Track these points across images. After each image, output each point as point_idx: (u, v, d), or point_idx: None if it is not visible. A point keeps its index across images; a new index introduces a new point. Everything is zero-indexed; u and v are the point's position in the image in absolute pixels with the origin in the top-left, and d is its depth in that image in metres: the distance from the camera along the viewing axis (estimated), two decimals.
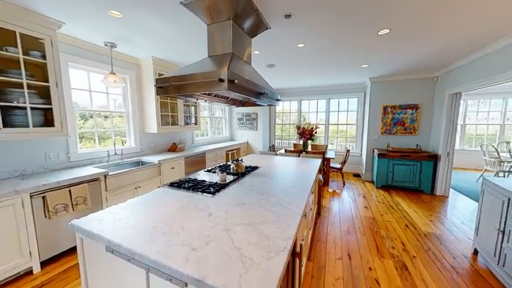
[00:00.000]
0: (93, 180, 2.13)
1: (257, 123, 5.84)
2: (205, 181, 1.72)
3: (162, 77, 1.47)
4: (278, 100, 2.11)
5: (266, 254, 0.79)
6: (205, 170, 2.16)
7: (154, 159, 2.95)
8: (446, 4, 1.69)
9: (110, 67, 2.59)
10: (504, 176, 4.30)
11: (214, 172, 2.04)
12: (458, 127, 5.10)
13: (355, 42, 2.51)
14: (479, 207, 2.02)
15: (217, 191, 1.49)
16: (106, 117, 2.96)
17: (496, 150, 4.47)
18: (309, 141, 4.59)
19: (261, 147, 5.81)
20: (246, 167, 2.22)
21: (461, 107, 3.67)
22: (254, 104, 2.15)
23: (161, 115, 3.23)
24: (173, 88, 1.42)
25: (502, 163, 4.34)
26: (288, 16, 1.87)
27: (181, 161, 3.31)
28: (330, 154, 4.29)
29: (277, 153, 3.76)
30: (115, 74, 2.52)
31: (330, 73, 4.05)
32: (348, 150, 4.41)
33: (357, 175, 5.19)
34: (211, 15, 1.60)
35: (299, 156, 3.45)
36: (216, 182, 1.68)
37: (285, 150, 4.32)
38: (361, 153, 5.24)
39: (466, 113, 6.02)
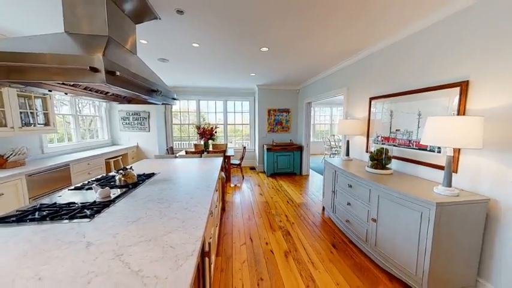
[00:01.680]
0: None
1: (149, 123, 5.05)
2: (74, 203, 1.26)
3: None
4: (174, 99, 1.97)
5: (174, 265, 0.74)
6: (72, 188, 1.58)
7: None
8: (305, 36, 2.37)
9: None
10: (333, 157, 6.80)
11: (90, 188, 1.54)
12: (312, 126, 7.35)
13: (244, 53, 2.87)
14: (324, 179, 3.07)
15: (98, 212, 1.15)
16: None
17: (329, 140, 7.00)
18: (210, 141, 4.67)
19: (157, 150, 5.11)
20: (139, 176, 1.88)
21: (312, 111, 5.34)
22: (144, 102, 1.86)
23: None
24: None
25: (332, 148, 6.83)
26: (180, 12, 1.78)
27: (18, 181, 2.18)
28: (230, 152, 4.62)
29: (177, 155, 3.50)
30: None
31: (225, 77, 4.34)
32: (245, 147, 5.00)
33: (252, 168, 6.00)
34: None
35: (201, 156, 3.43)
36: (95, 201, 1.29)
37: (186, 152, 4.11)
38: (255, 149, 6.11)
39: (315, 116, 8.83)
